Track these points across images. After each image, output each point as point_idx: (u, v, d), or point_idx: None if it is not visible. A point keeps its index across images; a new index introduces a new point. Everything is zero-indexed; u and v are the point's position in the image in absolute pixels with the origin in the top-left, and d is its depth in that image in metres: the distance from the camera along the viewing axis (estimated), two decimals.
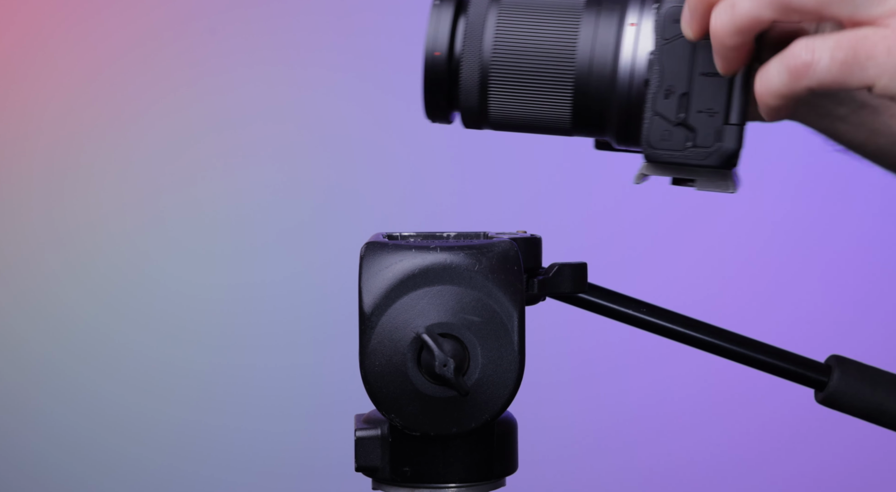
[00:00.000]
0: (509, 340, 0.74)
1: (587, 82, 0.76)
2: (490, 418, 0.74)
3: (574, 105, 0.77)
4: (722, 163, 0.75)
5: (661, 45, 0.75)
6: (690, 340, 0.82)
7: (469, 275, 0.74)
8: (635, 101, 0.76)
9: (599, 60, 0.76)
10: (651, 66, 0.75)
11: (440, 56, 0.78)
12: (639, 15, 0.76)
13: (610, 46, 0.76)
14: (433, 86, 0.79)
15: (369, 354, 0.74)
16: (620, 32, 0.76)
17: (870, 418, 0.82)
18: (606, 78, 0.76)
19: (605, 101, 0.77)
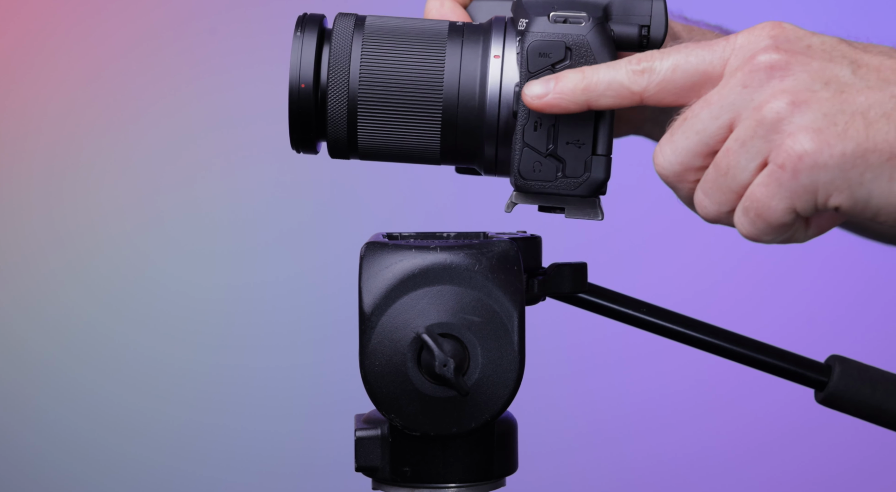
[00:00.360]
0: (509, 340, 0.74)
1: (455, 113, 0.77)
2: (490, 418, 0.74)
3: (443, 135, 0.78)
4: (591, 192, 0.77)
5: (527, 78, 0.75)
6: (690, 340, 0.82)
7: (469, 275, 0.74)
8: (504, 133, 0.77)
9: (467, 92, 0.77)
10: (518, 99, 0.76)
11: (306, 88, 0.78)
12: (502, 47, 0.77)
13: (476, 78, 0.77)
14: (299, 119, 0.78)
15: (369, 354, 0.74)
16: (486, 64, 0.77)
17: (870, 418, 0.82)
18: (475, 109, 0.77)
19: (473, 133, 0.77)
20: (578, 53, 0.75)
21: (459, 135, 0.77)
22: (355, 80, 0.77)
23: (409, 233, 0.82)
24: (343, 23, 0.78)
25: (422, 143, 0.78)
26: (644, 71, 0.72)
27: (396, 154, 0.79)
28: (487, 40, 0.77)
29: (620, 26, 0.76)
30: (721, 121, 0.71)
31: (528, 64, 0.75)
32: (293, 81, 0.78)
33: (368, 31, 0.78)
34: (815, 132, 0.68)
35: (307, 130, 0.79)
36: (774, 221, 0.71)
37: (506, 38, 0.77)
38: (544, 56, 0.75)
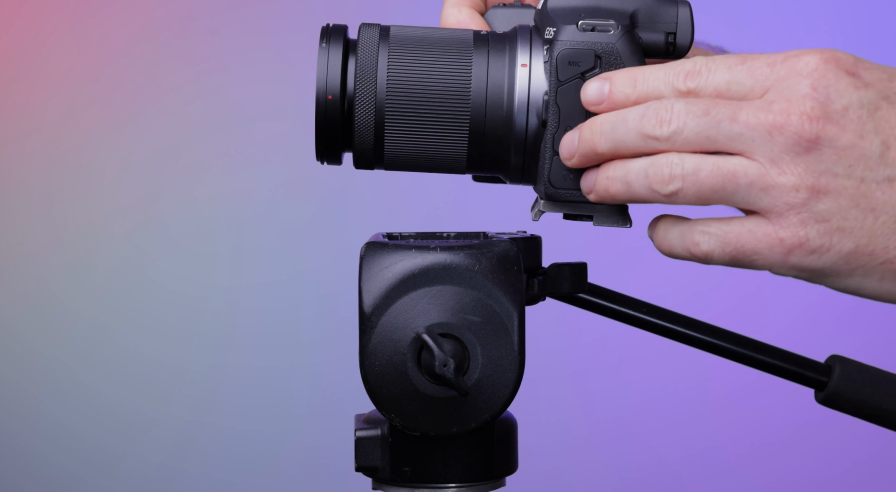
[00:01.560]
0: (509, 340, 0.74)
1: (483, 122, 0.77)
2: (490, 418, 0.74)
3: (470, 145, 0.77)
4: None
5: (557, 86, 0.75)
6: (690, 341, 0.82)
7: (469, 275, 0.74)
8: (532, 142, 0.77)
9: (494, 101, 0.77)
10: (547, 107, 0.76)
11: (333, 99, 0.78)
12: (528, 55, 0.77)
13: (503, 87, 0.77)
14: (326, 130, 0.78)
15: (369, 354, 0.74)
16: (513, 73, 0.77)
17: (870, 417, 0.83)
18: (502, 118, 0.77)
19: (501, 142, 0.77)
20: (608, 61, 0.75)
21: (487, 144, 0.77)
22: (382, 90, 0.77)
23: (409, 233, 0.82)
24: (368, 33, 0.78)
25: (448, 152, 0.78)
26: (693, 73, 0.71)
27: (423, 164, 0.79)
28: (514, 49, 0.77)
29: (647, 33, 0.76)
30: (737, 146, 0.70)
31: (557, 72, 0.75)
32: (320, 92, 0.78)
33: (394, 41, 0.78)
34: (824, 224, 0.68)
35: (333, 142, 0.79)
36: (746, 265, 0.71)
37: (532, 47, 0.77)
38: (574, 64, 0.75)
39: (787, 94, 0.69)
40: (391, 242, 0.76)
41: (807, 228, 0.68)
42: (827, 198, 0.68)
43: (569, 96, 0.75)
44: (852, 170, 0.68)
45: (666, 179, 0.70)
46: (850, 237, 0.69)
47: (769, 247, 0.69)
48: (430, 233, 0.83)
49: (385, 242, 0.76)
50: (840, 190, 0.68)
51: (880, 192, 0.68)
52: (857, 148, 0.68)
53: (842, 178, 0.68)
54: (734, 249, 0.70)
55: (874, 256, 0.69)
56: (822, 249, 0.69)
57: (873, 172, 0.68)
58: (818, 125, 0.68)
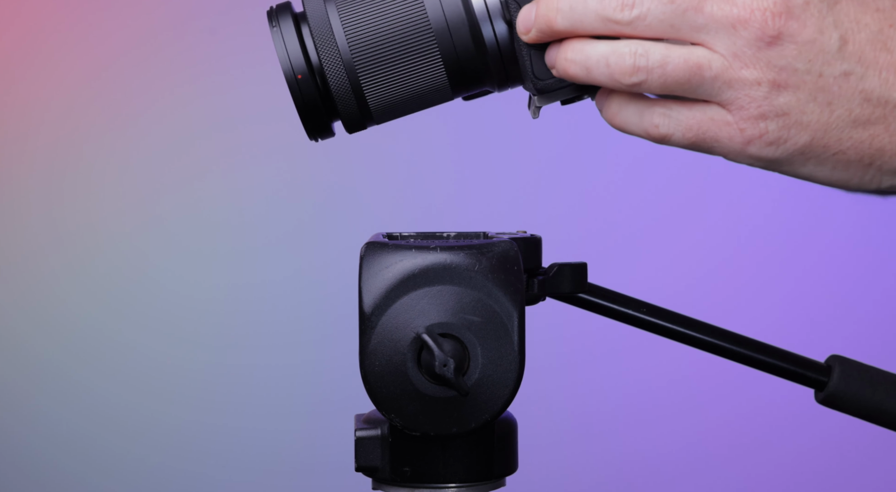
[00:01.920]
0: (509, 340, 0.74)
1: (451, 43, 0.76)
2: (490, 418, 0.74)
3: (447, 68, 0.77)
4: None
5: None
6: (691, 341, 0.82)
7: (469, 275, 0.74)
8: (505, 46, 0.76)
9: (455, 19, 0.76)
10: (508, 6, 0.75)
11: (303, 77, 0.77)
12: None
13: (459, 3, 0.76)
14: (308, 108, 0.78)
15: (369, 354, 0.74)
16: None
17: (870, 418, 0.82)
18: (469, 33, 0.76)
19: (476, 56, 0.77)
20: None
21: (463, 63, 0.77)
22: (346, 49, 0.77)
23: (409, 233, 0.82)
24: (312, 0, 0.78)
25: (430, 85, 0.77)
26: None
27: (410, 105, 0.79)
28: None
29: None
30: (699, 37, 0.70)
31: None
32: (288, 74, 0.78)
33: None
34: (783, 117, 0.70)
35: (319, 116, 0.79)
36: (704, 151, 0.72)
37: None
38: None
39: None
40: (391, 242, 0.76)
41: (766, 121, 0.70)
42: (787, 92, 0.69)
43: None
44: (812, 65, 0.69)
45: (630, 70, 0.71)
46: (806, 130, 0.70)
47: (729, 137, 0.71)
48: (430, 233, 0.83)
49: (385, 242, 0.76)
50: (799, 84, 0.69)
51: (837, 86, 0.70)
52: (817, 43, 0.69)
53: (801, 73, 0.69)
54: (695, 135, 0.71)
55: (828, 147, 0.70)
56: (780, 141, 0.70)
57: (831, 66, 0.69)
58: (780, 21, 0.69)
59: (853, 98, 0.70)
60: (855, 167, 0.71)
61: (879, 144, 0.70)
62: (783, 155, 0.71)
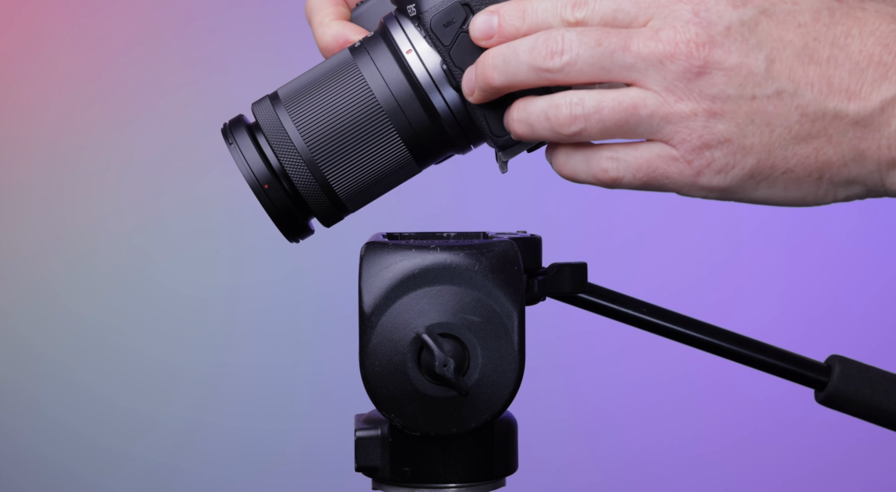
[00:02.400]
0: (509, 340, 0.74)
1: (406, 121, 0.77)
2: (490, 417, 0.74)
3: (407, 144, 0.78)
4: None
5: (447, 51, 0.75)
6: (691, 341, 0.82)
7: (469, 275, 0.74)
8: (459, 111, 0.77)
9: (403, 95, 0.77)
10: (451, 73, 0.76)
11: (271, 186, 0.78)
12: (407, 40, 0.77)
13: (403, 80, 0.77)
14: (282, 215, 0.79)
15: (369, 354, 0.74)
16: (404, 63, 0.77)
17: (869, 417, 0.83)
18: (421, 107, 0.77)
19: (432, 125, 0.77)
20: (478, 2, 0.75)
21: (421, 135, 0.77)
22: (304, 148, 0.77)
23: (410, 233, 0.83)
24: (261, 108, 0.79)
25: (394, 162, 0.78)
26: (580, 3, 0.72)
27: (381, 187, 0.80)
28: (391, 41, 0.77)
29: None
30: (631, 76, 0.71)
31: (439, 40, 0.75)
32: (254, 186, 0.79)
33: (286, 100, 0.78)
34: (726, 143, 0.70)
35: (295, 220, 0.80)
36: (657, 189, 0.73)
37: (405, 30, 0.77)
38: (449, 24, 0.75)
39: (671, 21, 0.70)
40: (391, 242, 0.76)
41: (711, 150, 0.70)
42: (724, 119, 0.70)
43: (463, 53, 0.75)
44: (743, 89, 0.70)
45: (567, 120, 0.72)
46: (751, 153, 0.70)
47: (679, 171, 0.71)
48: (430, 233, 0.83)
49: (385, 242, 0.76)
50: (735, 110, 0.70)
51: (771, 106, 0.70)
52: (744, 67, 0.70)
53: (735, 98, 0.70)
54: (645, 174, 0.72)
55: (775, 167, 0.71)
56: (727, 168, 0.71)
57: (762, 87, 0.70)
58: (705, 50, 0.70)
59: (790, 115, 0.70)
60: (806, 183, 0.71)
61: (825, 157, 0.70)
62: (734, 182, 0.71)
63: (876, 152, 0.70)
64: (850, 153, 0.70)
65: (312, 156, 0.77)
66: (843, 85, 0.69)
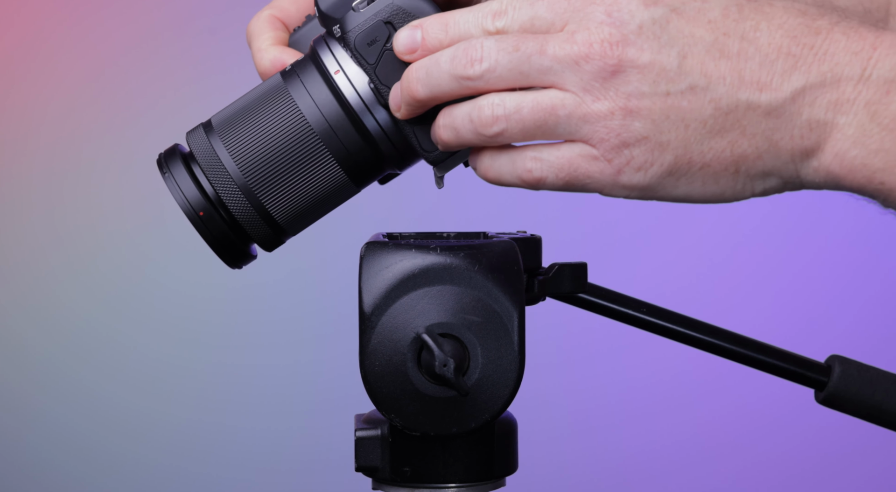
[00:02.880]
0: (509, 340, 0.74)
1: (340, 143, 0.77)
2: (490, 417, 0.74)
3: (342, 166, 0.78)
4: None
5: (373, 69, 0.76)
6: (691, 341, 0.82)
7: (469, 275, 0.74)
8: (391, 129, 0.77)
9: (334, 117, 0.77)
10: (379, 92, 0.76)
11: (206, 214, 0.78)
12: (335, 61, 0.77)
13: (332, 100, 0.77)
14: (220, 242, 0.79)
15: (369, 354, 0.74)
16: (333, 84, 0.77)
17: (869, 417, 0.83)
18: (353, 128, 0.77)
19: (365, 146, 0.77)
20: (400, 21, 0.75)
21: (356, 156, 0.78)
22: (238, 174, 0.78)
23: (409, 233, 0.83)
24: (195, 137, 0.79)
25: (331, 184, 0.78)
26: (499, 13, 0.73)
27: (318, 208, 0.80)
28: (320, 64, 0.77)
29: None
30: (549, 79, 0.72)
31: (364, 59, 0.75)
32: (190, 214, 0.79)
33: (219, 128, 0.78)
34: (644, 141, 0.71)
35: (234, 247, 0.80)
36: (579, 189, 0.74)
37: (333, 51, 0.77)
38: (373, 43, 0.75)
39: (586, 23, 0.71)
40: (391, 242, 0.76)
41: (630, 148, 0.71)
42: (640, 116, 0.71)
43: (389, 71, 0.76)
44: (657, 86, 0.71)
45: (490, 120, 0.73)
46: (668, 149, 0.71)
47: (600, 170, 0.72)
48: (430, 233, 0.83)
49: (385, 242, 0.76)
50: (650, 107, 0.71)
51: (686, 102, 0.71)
52: (657, 64, 0.71)
53: (649, 95, 0.71)
54: (567, 173, 0.73)
55: (692, 162, 0.72)
56: (647, 165, 0.72)
57: (676, 83, 0.71)
58: (618, 49, 0.71)
59: (704, 109, 0.71)
60: (724, 178, 0.72)
61: (740, 150, 0.71)
62: (653, 179, 0.72)
63: (789, 143, 0.71)
64: (764, 145, 0.71)
65: (247, 182, 0.77)
66: (755, 77, 0.71)
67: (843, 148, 0.71)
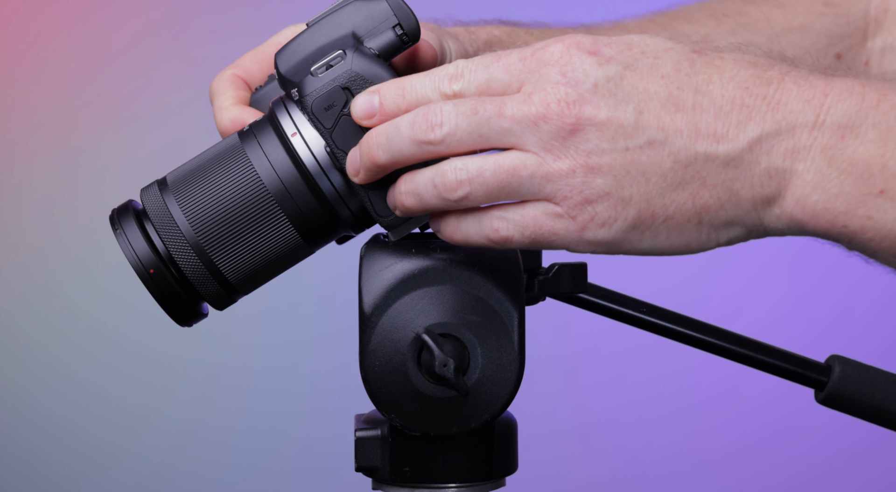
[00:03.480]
0: (509, 340, 0.74)
1: (294, 205, 0.77)
2: (490, 418, 0.74)
3: (296, 228, 0.77)
4: None
5: (330, 133, 0.75)
6: (691, 341, 0.82)
7: (469, 275, 0.74)
8: (346, 192, 0.77)
9: (290, 180, 0.77)
10: (335, 156, 0.76)
11: (156, 271, 0.78)
12: (292, 123, 0.77)
13: (288, 162, 0.77)
14: (169, 298, 0.79)
15: (369, 354, 0.74)
16: (289, 145, 0.77)
17: (869, 417, 0.83)
18: (308, 191, 0.77)
19: (320, 208, 0.77)
20: (358, 86, 0.75)
21: (310, 218, 0.77)
22: (190, 232, 0.77)
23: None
24: (149, 194, 0.79)
25: (284, 245, 0.78)
26: (456, 76, 0.74)
27: (271, 268, 0.79)
28: (277, 125, 0.77)
29: (376, 39, 0.77)
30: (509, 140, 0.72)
31: (321, 123, 0.75)
32: (140, 271, 0.78)
33: (174, 186, 0.78)
34: (606, 197, 0.72)
35: (182, 303, 0.79)
36: (545, 246, 0.74)
37: (290, 114, 0.77)
38: (331, 108, 0.75)
39: (542, 84, 0.72)
40: (391, 243, 0.76)
41: (593, 205, 0.72)
42: (601, 173, 0.72)
43: (346, 136, 0.75)
44: (615, 142, 0.72)
45: (454, 185, 0.73)
46: (631, 204, 0.72)
47: (565, 228, 0.72)
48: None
49: (385, 242, 0.76)
50: (611, 163, 0.72)
51: (644, 156, 0.72)
52: (615, 120, 0.72)
53: (609, 151, 0.72)
54: (532, 232, 0.73)
55: (655, 216, 0.72)
56: (611, 221, 0.72)
57: (634, 139, 0.72)
58: (576, 108, 0.71)
59: (664, 163, 0.72)
60: (688, 229, 0.73)
61: (702, 201, 0.72)
62: (618, 234, 0.72)
63: (749, 191, 0.72)
64: (725, 195, 0.72)
65: (199, 240, 0.77)
66: (710, 129, 0.71)
67: (804, 193, 0.71)
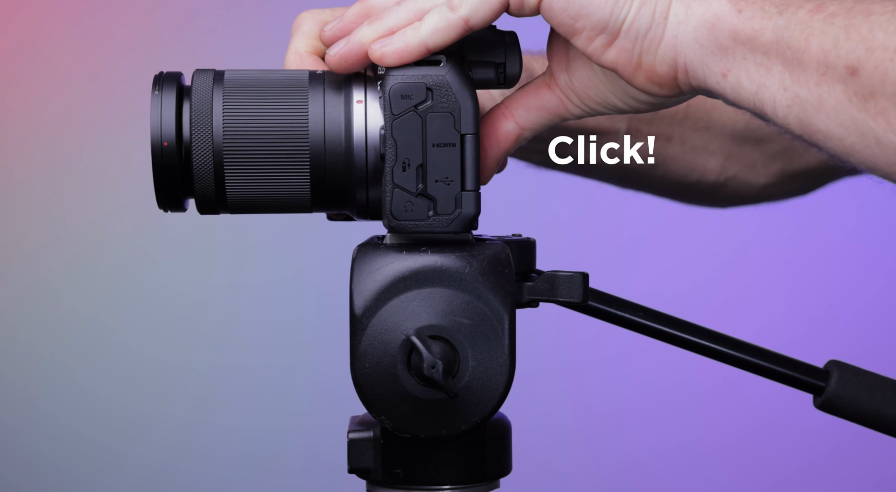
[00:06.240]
0: (500, 342, 0.74)
1: (323, 160, 0.77)
2: (480, 420, 0.74)
3: (312, 183, 0.77)
4: (463, 228, 0.77)
5: (392, 120, 0.75)
6: (688, 345, 0.82)
7: (460, 277, 0.74)
8: (373, 177, 0.77)
9: (333, 138, 0.76)
10: (384, 141, 0.75)
11: (169, 146, 0.77)
12: (364, 92, 0.77)
13: (341, 124, 0.76)
14: (164, 177, 0.78)
15: (360, 356, 0.74)
16: (349, 109, 0.77)
17: (868, 423, 0.82)
18: (342, 155, 0.76)
19: (342, 178, 0.77)
20: (439, 93, 0.75)
21: (329, 181, 0.77)
22: (219, 133, 0.77)
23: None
24: (202, 78, 0.78)
25: (292, 192, 0.78)
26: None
27: (267, 205, 0.79)
28: (349, 87, 0.77)
29: (478, 66, 0.77)
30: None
31: (391, 106, 0.75)
32: (155, 140, 0.78)
33: (228, 85, 0.77)
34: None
35: (174, 189, 0.78)
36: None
37: (367, 85, 0.77)
38: (406, 98, 0.75)
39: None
40: (383, 244, 0.76)
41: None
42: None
43: (405, 129, 0.75)
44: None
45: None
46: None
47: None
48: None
49: (377, 244, 0.76)
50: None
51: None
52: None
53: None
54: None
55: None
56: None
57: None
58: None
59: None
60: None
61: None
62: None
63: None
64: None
65: (223, 147, 0.76)
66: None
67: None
